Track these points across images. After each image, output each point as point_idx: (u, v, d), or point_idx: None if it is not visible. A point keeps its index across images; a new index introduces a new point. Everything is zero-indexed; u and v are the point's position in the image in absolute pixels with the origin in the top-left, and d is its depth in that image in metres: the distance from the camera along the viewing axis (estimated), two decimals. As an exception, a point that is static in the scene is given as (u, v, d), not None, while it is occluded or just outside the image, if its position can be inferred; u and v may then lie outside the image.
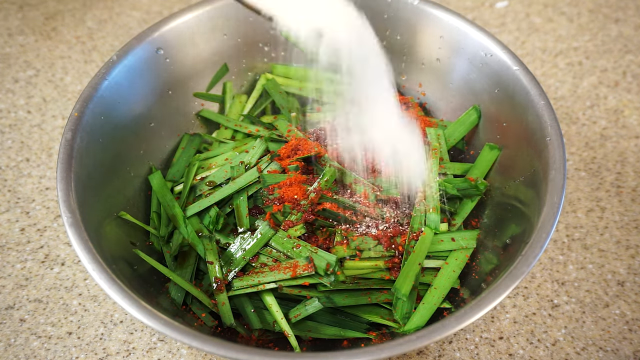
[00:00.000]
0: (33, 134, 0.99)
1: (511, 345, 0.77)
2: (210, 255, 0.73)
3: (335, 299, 0.69)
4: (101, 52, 1.12)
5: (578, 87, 1.07)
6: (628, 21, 1.17)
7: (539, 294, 0.82)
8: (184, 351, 0.76)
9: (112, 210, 0.73)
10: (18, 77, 1.08)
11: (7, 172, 0.94)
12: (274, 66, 0.95)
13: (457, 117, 0.87)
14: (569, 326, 0.79)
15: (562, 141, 0.69)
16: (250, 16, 0.89)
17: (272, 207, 0.76)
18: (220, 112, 0.94)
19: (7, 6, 1.19)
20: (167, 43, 0.83)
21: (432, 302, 0.69)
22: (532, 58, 1.12)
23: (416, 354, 0.76)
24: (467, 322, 0.57)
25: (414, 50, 0.89)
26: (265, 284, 0.70)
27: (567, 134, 1.00)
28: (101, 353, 0.76)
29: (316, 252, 0.70)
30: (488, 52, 0.79)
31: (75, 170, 0.67)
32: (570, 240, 0.87)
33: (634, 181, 0.94)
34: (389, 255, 0.73)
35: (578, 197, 0.92)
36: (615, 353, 0.77)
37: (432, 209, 0.76)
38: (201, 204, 0.78)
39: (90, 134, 0.72)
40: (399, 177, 0.77)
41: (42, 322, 0.79)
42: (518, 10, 1.21)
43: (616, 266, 0.84)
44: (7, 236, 0.87)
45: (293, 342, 0.68)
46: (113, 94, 0.76)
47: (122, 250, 0.71)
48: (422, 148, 0.80)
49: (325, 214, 0.74)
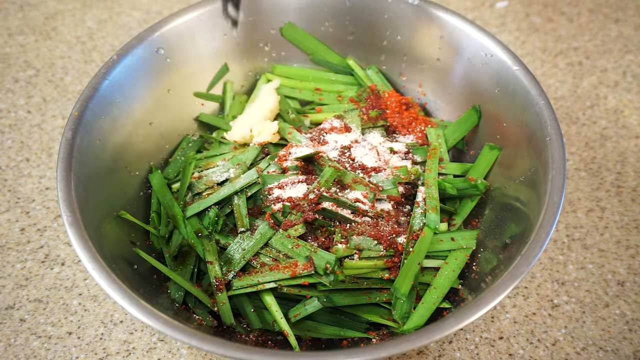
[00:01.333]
0: (33, 134, 0.99)
1: (511, 345, 0.77)
2: (209, 255, 0.73)
3: (334, 298, 0.69)
4: (101, 52, 1.12)
5: (578, 87, 1.07)
6: (628, 21, 1.17)
7: (539, 294, 0.82)
8: (184, 351, 0.76)
9: (112, 210, 0.73)
10: (18, 77, 1.08)
11: (7, 172, 0.94)
12: (274, 66, 0.95)
13: (457, 117, 0.87)
14: (569, 326, 0.79)
15: (562, 141, 0.69)
16: (250, 16, 0.89)
17: (271, 207, 0.76)
18: (221, 112, 0.94)
19: (7, 6, 1.19)
20: (167, 43, 0.83)
21: (431, 302, 0.69)
22: (532, 58, 1.12)
23: (416, 354, 0.76)
24: (466, 321, 0.57)
25: (414, 50, 0.89)
26: (264, 283, 0.70)
27: (567, 134, 1.00)
28: (101, 353, 0.76)
29: (316, 252, 0.70)
30: (488, 52, 0.79)
31: (75, 169, 0.67)
32: (570, 240, 0.87)
33: (634, 181, 0.94)
34: (389, 254, 0.73)
35: (578, 197, 0.92)
36: (615, 353, 0.77)
37: (431, 209, 0.76)
38: (201, 205, 0.78)
39: (90, 134, 0.72)
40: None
41: (42, 322, 0.79)
42: (518, 10, 1.21)
43: (616, 266, 0.84)
44: (7, 236, 0.87)
45: (292, 341, 0.68)
46: (113, 94, 0.76)
47: (122, 249, 0.71)
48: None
49: (325, 214, 0.74)
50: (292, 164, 0.78)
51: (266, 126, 0.84)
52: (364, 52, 0.94)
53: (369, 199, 0.75)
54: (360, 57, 0.94)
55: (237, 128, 0.87)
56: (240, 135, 0.86)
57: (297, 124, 0.88)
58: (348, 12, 0.89)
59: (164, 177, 0.83)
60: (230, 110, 0.92)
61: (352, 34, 0.92)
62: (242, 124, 0.87)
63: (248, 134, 0.85)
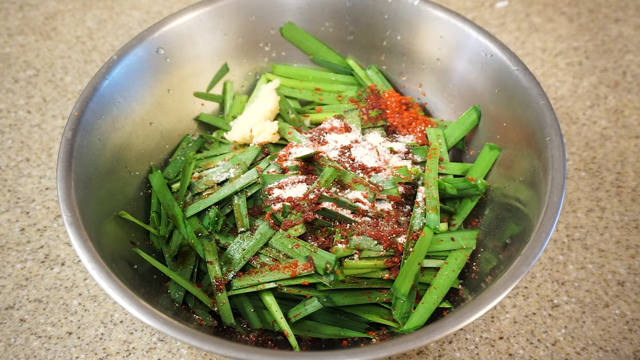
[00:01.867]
0: (33, 134, 0.99)
1: (511, 345, 0.77)
2: (209, 255, 0.73)
3: (334, 298, 0.69)
4: (101, 52, 1.12)
5: (578, 87, 1.07)
6: (628, 21, 1.17)
7: (539, 294, 0.82)
8: (183, 351, 0.76)
9: (112, 210, 0.73)
10: (18, 77, 1.08)
11: (7, 172, 0.94)
12: (274, 66, 0.95)
13: (457, 117, 0.87)
14: (569, 326, 0.79)
15: (562, 141, 0.69)
16: (250, 16, 0.89)
17: (271, 207, 0.76)
18: (221, 112, 0.94)
19: (7, 6, 1.19)
20: (167, 43, 0.83)
21: (431, 302, 0.69)
22: (532, 58, 1.12)
23: (416, 354, 0.76)
24: (466, 321, 0.57)
25: (414, 50, 0.89)
26: (264, 283, 0.70)
27: (567, 134, 1.00)
28: (101, 353, 0.76)
29: (316, 252, 0.70)
30: (488, 52, 0.79)
31: (75, 169, 0.67)
32: (570, 240, 0.87)
33: (634, 181, 0.94)
34: (389, 254, 0.73)
35: (578, 197, 0.92)
36: (616, 353, 0.77)
37: (431, 209, 0.76)
38: (201, 205, 0.78)
39: (90, 134, 0.72)
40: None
41: (42, 322, 0.79)
42: (518, 10, 1.21)
43: (616, 266, 0.84)
44: (7, 236, 0.87)
45: (292, 341, 0.68)
46: (113, 94, 0.76)
47: (122, 249, 0.71)
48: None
49: (325, 214, 0.74)
50: (292, 164, 0.78)
51: (266, 126, 0.84)
52: (364, 52, 0.94)
53: (369, 199, 0.75)
54: (360, 57, 0.94)
55: (237, 128, 0.87)
56: (240, 135, 0.86)
57: (297, 124, 0.88)
58: (348, 12, 0.89)
59: (164, 177, 0.83)
60: (230, 110, 0.92)
61: (352, 34, 0.92)
62: (242, 124, 0.87)
63: (248, 134, 0.85)
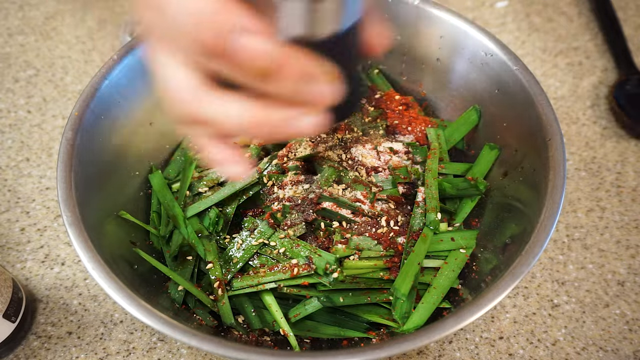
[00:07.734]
0: (33, 134, 0.99)
1: (511, 345, 0.77)
2: (210, 256, 0.73)
3: (334, 298, 0.69)
4: (101, 52, 1.12)
5: (578, 87, 1.07)
6: (628, 21, 1.17)
7: (539, 293, 0.82)
8: (184, 351, 0.76)
9: (112, 210, 0.73)
10: (18, 77, 1.08)
11: (7, 172, 0.94)
12: (274, 66, 0.94)
13: (457, 117, 0.87)
14: (569, 326, 0.79)
15: (562, 141, 0.69)
16: (250, 16, 0.89)
17: (271, 207, 0.76)
18: (220, 112, 0.93)
19: (7, 6, 1.19)
20: (167, 43, 0.83)
21: (431, 302, 0.69)
22: (532, 58, 1.12)
23: (416, 354, 0.76)
24: (466, 321, 0.57)
25: (414, 50, 0.89)
26: (264, 283, 0.70)
27: (567, 134, 1.00)
28: (101, 353, 0.76)
29: (315, 252, 0.70)
30: (488, 52, 0.79)
31: (75, 169, 0.67)
32: (570, 240, 0.87)
33: (634, 181, 0.94)
34: (389, 254, 0.73)
35: (578, 197, 0.92)
36: (616, 353, 0.77)
37: (431, 209, 0.76)
38: (201, 205, 0.78)
39: (91, 134, 0.72)
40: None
41: (42, 322, 0.79)
42: (518, 10, 1.21)
43: (616, 266, 0.84)
44: (7, 236, 0.87)
45: (292, 341, 0.68)
46: (113, 94, 0.76)
47: (122, 249, 0.71)
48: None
49: (325, 214, 0.74)
50: (292, 164, 0.78)
51: (266, 126, 0.84)
52: (364, 52, 0.93)
53: (369, 199, 0.75)
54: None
55: (237, 128, 0.87)
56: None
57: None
58: (348, 12, 0.89)
59: (164, 177, 0.83)
60: (230, 110, 0.92)
61: (352, 34, 0.92)
62: (242, 124, 0.86)
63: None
